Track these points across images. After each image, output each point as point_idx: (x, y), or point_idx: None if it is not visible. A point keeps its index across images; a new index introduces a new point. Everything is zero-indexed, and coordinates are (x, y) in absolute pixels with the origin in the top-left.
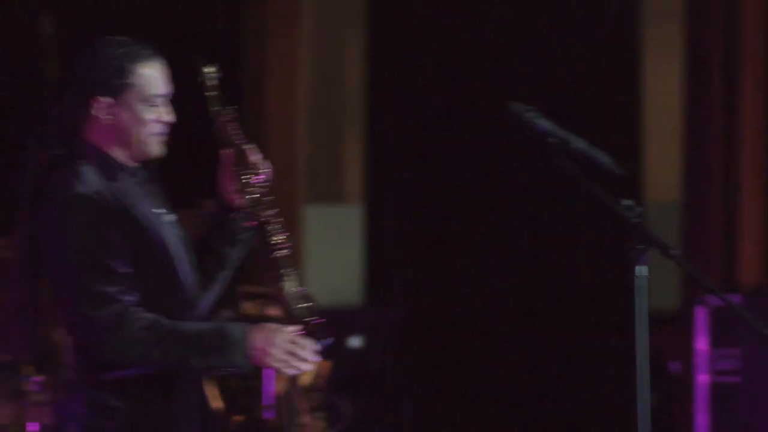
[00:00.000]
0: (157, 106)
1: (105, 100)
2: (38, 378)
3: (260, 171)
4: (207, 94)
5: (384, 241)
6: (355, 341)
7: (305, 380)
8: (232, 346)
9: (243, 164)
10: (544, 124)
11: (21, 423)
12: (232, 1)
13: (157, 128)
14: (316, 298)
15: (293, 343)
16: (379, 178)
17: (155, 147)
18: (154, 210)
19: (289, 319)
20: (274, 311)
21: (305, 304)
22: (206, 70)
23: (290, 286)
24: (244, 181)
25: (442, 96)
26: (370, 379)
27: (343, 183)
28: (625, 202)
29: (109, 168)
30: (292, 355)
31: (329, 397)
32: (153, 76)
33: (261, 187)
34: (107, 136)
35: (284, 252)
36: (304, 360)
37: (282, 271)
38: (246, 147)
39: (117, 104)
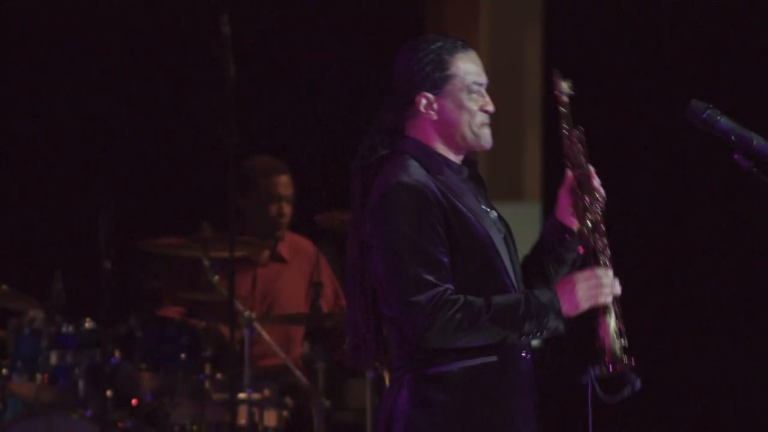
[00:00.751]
0: (479, 94)
1: (429, 95)
2: (218, 376)
3: (600, 197)
4: (560, 110)
5: None
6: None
7: None
8: (544, 312)
9: (585, 188)
10: (726, 122)
11: (201, 422)
12: (411, 2)
13: (483, 117)
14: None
15: (594, 277)
16: (559, 175)
17: (485, 136)
18: (481, 206)
19: (607, 358)
20: None
21: (623, 343)
22: (563, 84)
23: (612, 321)
24: (582, 205)
25: (622, 94)
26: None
27: (523, 181)
28: None
29: (434, 162)
30: (598, 287)
31: None
32: (471, 65)
33: (598, 213)
34: (431, 132)
35: None
36: (611, 286)
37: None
38: (590, 170)
39: (441, 97)
